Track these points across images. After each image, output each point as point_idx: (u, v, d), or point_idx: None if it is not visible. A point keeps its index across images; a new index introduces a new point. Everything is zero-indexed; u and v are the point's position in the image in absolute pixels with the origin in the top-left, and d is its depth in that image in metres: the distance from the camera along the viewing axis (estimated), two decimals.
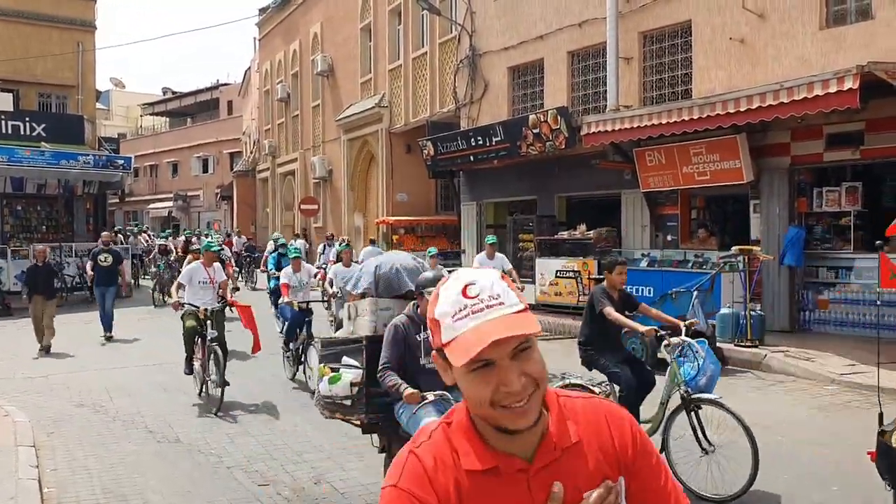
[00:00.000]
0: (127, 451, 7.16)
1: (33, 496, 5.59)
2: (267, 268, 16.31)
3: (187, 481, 6.33)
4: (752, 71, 13.16)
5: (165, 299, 18.24)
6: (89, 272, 14.70)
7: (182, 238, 26.96)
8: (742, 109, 11.30)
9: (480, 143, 17.34)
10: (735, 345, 11.17)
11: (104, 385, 10.07)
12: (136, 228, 32.74)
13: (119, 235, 27.70)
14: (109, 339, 13.84)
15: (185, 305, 9.24)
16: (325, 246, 21.11)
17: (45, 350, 12.53)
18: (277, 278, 13.48)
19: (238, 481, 6.34)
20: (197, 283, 9.40)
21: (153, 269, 19.86)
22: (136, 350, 13.07)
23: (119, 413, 8.65)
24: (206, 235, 27.93)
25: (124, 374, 10.73)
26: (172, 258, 20.84)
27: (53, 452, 7.08)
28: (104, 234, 15.62)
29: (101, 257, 14.27)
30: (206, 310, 9.03)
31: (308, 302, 10.23)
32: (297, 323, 10.00)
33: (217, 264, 9.82)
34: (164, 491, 6.09)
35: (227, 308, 9.79)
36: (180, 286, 9.53)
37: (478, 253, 19.84)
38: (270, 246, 18.44)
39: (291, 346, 10.08)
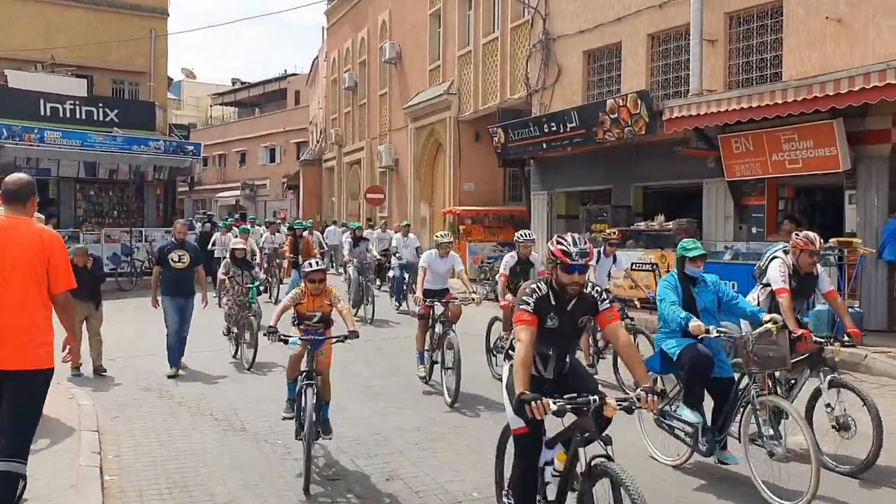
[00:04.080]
0: (192, 439, 6.88)
1: (94, 485, 5.31)
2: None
3: (253, 473, 5.99)
4: (849, 52, 12.28)
5: (242, 355, 10.59)
6: (155, 278, 10.06)
7: (287, 234, 18.31)
8: (843, 91, 10.51)
9: (554, 129, 16.73)
10: (830, 344, 10.38)
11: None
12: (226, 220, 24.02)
13: (215, 227, 22.26)
14: (177, 374, 9.69)
15: None
16: None
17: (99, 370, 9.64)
18: None
19: (284, 452, 6.03)
20: None
21: (224, 294, 11.55)
22: (204, 335, 12.88)
23: (185, 399, 8.42)
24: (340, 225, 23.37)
25: (191, 359, 10.47)
26: (258, 265, 13.25)
27: (117, 438, 6.84)
28: (178, 223, 10.61)
29: (175, 256, 9.80)
30: None
31: None
32: None
33: None
34: (230, 482, 5.76)
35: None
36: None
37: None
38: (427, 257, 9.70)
39: None
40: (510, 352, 4.69)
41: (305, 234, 16.92)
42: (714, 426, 5.73)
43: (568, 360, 4.57)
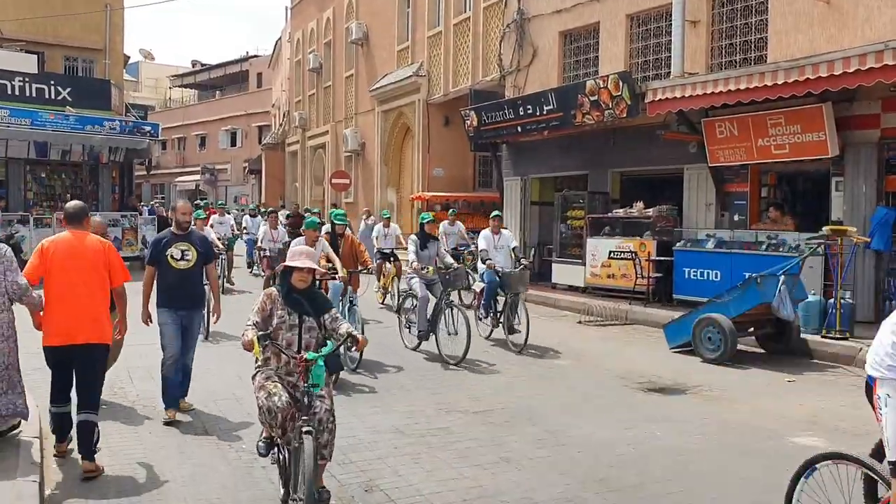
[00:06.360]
0: (147, 445, 6.19)
1: (32, 501, 4.62)
2: None
3: (216, 485, 5.34)
4: (837, 34, 11.90)
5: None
6: (147, 283, 7.12)
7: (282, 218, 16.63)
8: (837, 73, 10.07)
9: (530, 111, 16.14)
10: (822, 336, 10.03)
11: (125, 364, 8.98)
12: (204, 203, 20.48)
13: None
14: (180, 414, 7.05)
15: None
16: None
17: None
18: None
19: (275, 486, 5.33)
20: None
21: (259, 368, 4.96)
22: None
23: (140, 398, 7.70)
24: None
25: (149, 352, 9.58)
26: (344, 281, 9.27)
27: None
28: (180, 202, 7.74)
29: (176, 251, 7.04)
30: None
31: None
32: None
33: None
34: (189, 496, 5.11)
35: None
36: None
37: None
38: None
39: None
40: None
41: (348, 230, 10.43)
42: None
43: None
